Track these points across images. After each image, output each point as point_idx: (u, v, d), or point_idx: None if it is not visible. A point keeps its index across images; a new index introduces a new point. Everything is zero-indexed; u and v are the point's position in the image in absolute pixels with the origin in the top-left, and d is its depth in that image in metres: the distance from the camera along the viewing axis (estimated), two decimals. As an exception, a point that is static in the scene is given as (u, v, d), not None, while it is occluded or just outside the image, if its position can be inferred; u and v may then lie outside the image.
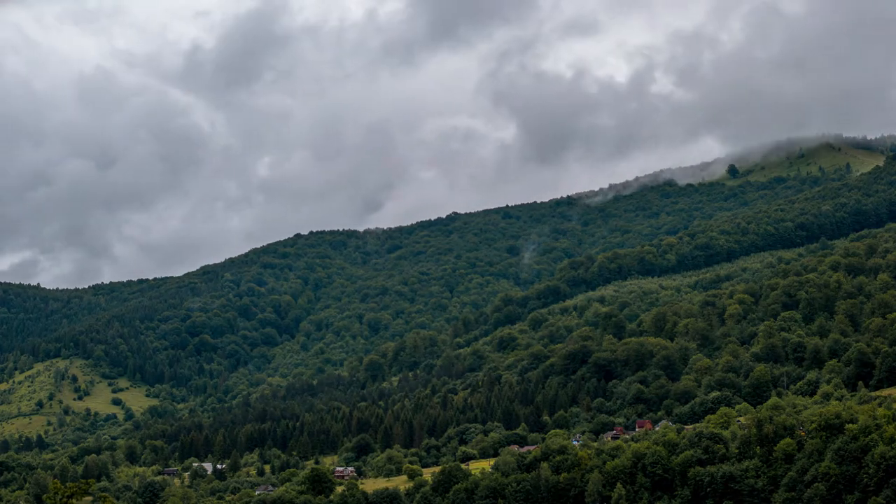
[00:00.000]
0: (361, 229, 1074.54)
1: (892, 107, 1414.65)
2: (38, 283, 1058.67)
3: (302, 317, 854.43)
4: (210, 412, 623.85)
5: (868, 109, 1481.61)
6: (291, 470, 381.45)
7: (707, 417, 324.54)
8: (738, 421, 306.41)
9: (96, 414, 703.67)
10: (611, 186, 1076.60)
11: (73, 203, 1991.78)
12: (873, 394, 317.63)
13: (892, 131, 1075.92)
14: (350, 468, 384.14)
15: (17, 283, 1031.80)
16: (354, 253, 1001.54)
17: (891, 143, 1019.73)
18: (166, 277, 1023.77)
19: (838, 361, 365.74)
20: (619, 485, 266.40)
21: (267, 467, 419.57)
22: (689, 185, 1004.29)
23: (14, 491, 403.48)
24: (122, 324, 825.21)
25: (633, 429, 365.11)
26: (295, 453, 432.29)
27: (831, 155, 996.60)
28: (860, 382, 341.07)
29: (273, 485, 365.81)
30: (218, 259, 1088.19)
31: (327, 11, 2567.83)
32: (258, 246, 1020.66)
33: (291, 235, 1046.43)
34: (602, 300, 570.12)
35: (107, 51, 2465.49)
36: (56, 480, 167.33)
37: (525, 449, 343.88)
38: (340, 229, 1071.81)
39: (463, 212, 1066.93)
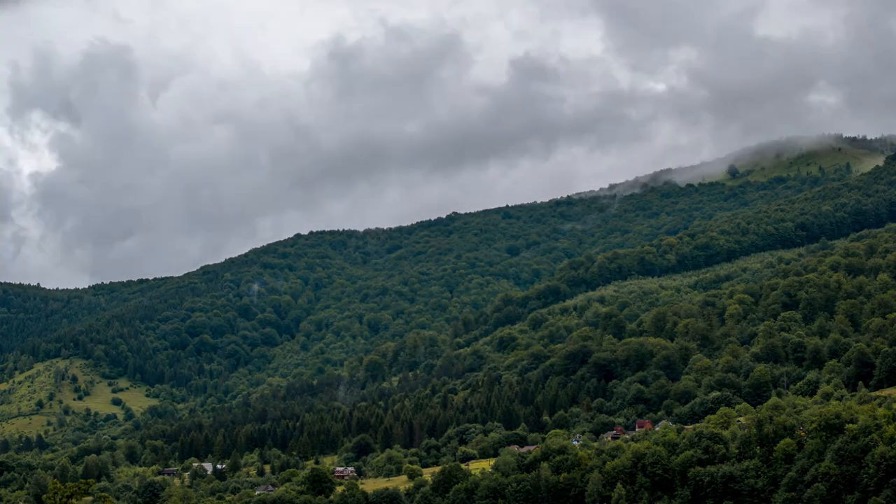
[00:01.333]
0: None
1: None
2: (38, 283, 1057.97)
3: (302, 317, 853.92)
4: (210, 412, 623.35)
5: None
6: (291, 470, 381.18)
7: (707, 417, 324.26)
8: (738, 421, 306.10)
9: (96, 414, 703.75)
10: (611, 186, 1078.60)
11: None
12: (873, 394, 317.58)
13: (892, 131, 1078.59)
14: (350, 468, 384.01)
15: (18, 282, 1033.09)
16: (354, 253, 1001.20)
17: (890, 143, 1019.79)
18: (166, 277, 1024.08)
19: (838, 361, 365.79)
20: (619, 485, 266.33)
21: (267, 467, 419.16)
22: (689, 185, 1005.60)
23: (14, 491, 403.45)
24: (122, 324, 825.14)
25: (633, 429, 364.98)
26: (295, 453, 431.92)
27: (831, 155, 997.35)
28: (860, 382, 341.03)
29: (273, 485, 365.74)
30: (218, 259, 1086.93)
31: (497, 20, 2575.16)
32: (258, 246, 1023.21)
33: (292, 235, 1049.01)
34: (602, 300, 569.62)
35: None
36: (56, 480, 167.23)
37: (525, 449, 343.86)
38: (340, 229, 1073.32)
39: (463, 212, 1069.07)
